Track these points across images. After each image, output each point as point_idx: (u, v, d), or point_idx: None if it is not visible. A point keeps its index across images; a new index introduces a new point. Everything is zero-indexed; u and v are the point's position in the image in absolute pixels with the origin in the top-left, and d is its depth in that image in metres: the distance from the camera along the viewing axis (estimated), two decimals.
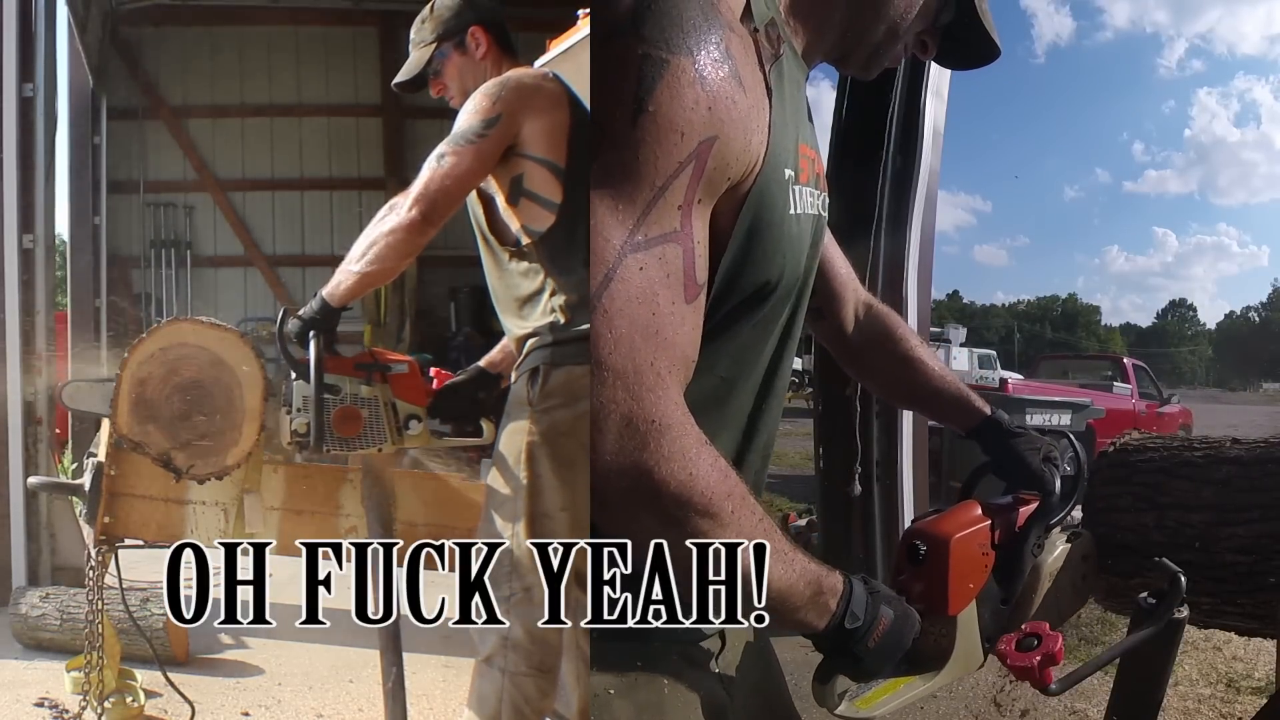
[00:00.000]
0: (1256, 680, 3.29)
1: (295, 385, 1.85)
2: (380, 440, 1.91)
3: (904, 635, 0.98)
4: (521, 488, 1.77)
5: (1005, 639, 1.12)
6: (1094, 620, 3.63)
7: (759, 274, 0.93)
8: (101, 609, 2.10)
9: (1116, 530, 1.50)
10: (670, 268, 0.83)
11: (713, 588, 0.86)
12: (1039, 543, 1.22)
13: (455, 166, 1.76)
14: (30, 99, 3.77)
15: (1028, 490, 1.26)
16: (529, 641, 1.77)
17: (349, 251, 1.80)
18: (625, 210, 0.82)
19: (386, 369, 1.93)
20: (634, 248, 0.82)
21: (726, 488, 0.83)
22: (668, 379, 0.82)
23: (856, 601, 0.93)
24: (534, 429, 1.77)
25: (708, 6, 0.85)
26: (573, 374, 1.76)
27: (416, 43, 2.01)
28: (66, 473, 4.85)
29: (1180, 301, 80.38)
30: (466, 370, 2.07)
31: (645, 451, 0.80)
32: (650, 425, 0.80)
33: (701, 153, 0.83)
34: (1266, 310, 71.91)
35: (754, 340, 0.98)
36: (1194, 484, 1.49)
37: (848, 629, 0.93)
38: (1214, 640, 3.51)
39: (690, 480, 0.81)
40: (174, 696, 2.39)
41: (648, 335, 0.82)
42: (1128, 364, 11.78)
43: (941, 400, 1.38)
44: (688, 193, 0.83)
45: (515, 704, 1.77)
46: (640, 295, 0.82)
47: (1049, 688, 1.08)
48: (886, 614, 0.96)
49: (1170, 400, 11.59)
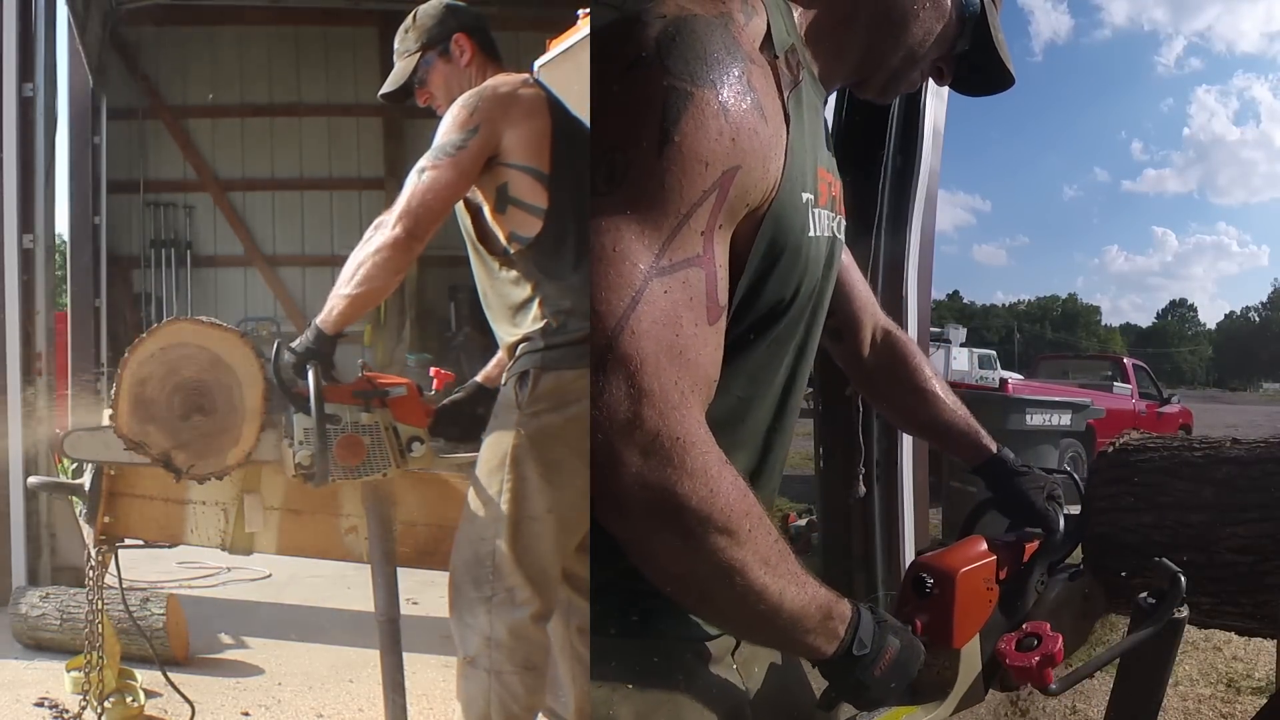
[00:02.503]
0: (1256, 680, 3.29)
1: (295, 418, 1.84)
2: (384, 466, 1.91)
3: (909, 665, 1.00)
4: (506, 489, 1.77)
5: (1005, 639, 1.12)
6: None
7: (774, 293, 0.95)
8: (101, 609, 2.10)
9: (1116, 530, 1.50)
10: (694, 291, 0.85)
11: (726, 604, 0.87)
12: (1042, 579, 1.24)
13: (436, 180, 1.76)
14: (30, 99, 3.77)
15: (1032, 528, 1.29)
16: (513, 640, 1.77)
17: (340, 274, 1.80)
18: (651, 236, 0.84)
19: (385, 394, 1.93)
20: (659, 272, 0.84)
21: (745, 506, 0.85)
22: (691, 399, 0.84)
23: (864, 629, 0.95)
24: (521, 432, 1.77)
25: (729, 39, 0.88)
26: (563, 378, 1.76)
27: (401, 52, 2.01)
28: (66, 473, 4.85)
29: (1180, 301, 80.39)
30: (464, 387, 2.07)
31: (670, 468, 0.81)
32: (675, 443, 0.82)
33: (724, 182, 0.85)
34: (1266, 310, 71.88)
35: (769, 359, 1.00)
36: (1194, 484, 1.49)
37: (855, 656, 0.94)
38: (1214, 640, 3.51)
39: (711, 497, 0.82)
40: (174, 696, 2.40)
41: (673, 356, 0.84)
42: (1128, 364, 11.79)
43: (951, 434, 1.41)
44: (710, 219, 0.86)
45: (503, 702, 1.77)
46: (665, 318, 0.84)
47: (1049, 688, 1.09)
48: (893, 643, 0.98)
49: (1170, 400, 11.60)
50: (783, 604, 0.88)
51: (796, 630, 0.91)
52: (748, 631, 0.96)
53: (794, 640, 0.92)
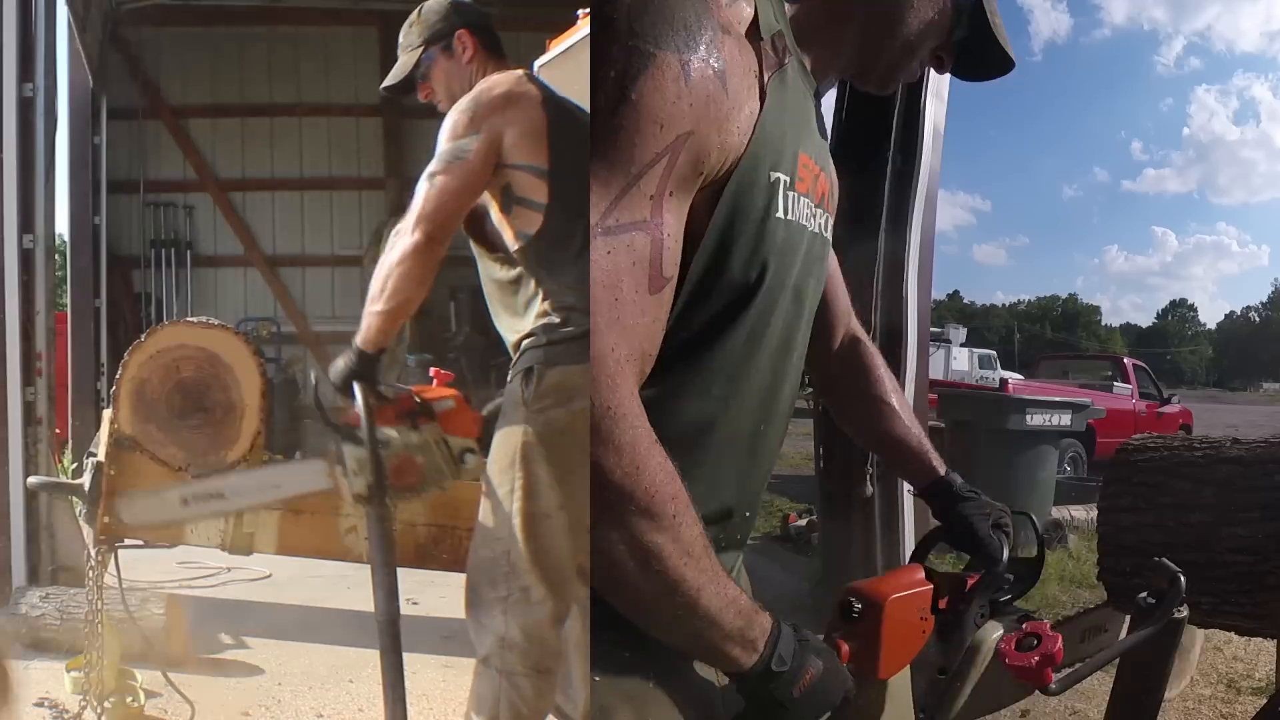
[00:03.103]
0: (1256, 680, 3.29)
1: (346, 447, 1.82)
2: (440, 480, 1.90)
3: (831, 690, 0.94)
4: (518, 487, 1.77)
5: (1006, 638, 1.12)
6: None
7: (738, 274, 0.93)
8: (101, 609, 2.10)
9: (1117, 530, 1.50)
10: (637, 256, 0.84)
11: (640, 591, 0.83)
12: (982, 614, 1.16)
13: (448, 185, 1.76)
14: (30, 99, 3.77)
15: (975, 556, 1.23)
16: (526, 641, 1.77)
17: (368, 291, 1.79)
18: (599, 194, 0.83)
19: (432, 411, 1.91)
20: (604, 231, 0.83)
21: (672, 490, 0.82)
22: (625, 368, 0.82)
23: (784, 644, 0.90)
24: (529, 429, 1.77)
25: (701, 9, 0.87)
26: (568, 373, 1.76)
27: (404, 46, 2.02)
28: (66, 473, 4.85)
29: (1180, 301, 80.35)
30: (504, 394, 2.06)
31: (596, 438, 0.80)
32: (605, 412, 0.80)
33: (676, 146, 0.84)
34: (1266, 310, 71.86)
35: (746, 356, 0.97)
36: (1194, 484, 1.49)
37: (775, 671, 0.89)
38: (1214, 640, 3.49)
39: (636, 475, 0.80)
40: (174, 696, 2.40)
41: (610, 321, 0.82)
42: (1128, 364, 11.80)
43: (902, 451, 1.36)
44: (660, 184, 0.84)
45: (513, 704, 1.77)
46: (605, 280, 0.82)
47: (1048, 688, 1.08)
48: (815, 664, 0.92)
49: (1170, 400, 11.60)
50: (699, 600, 0.84)
51: (712, 633, 0.86)
52: (660, 627, 0.88)
53: (709, 644, 0.88)
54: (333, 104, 8.32)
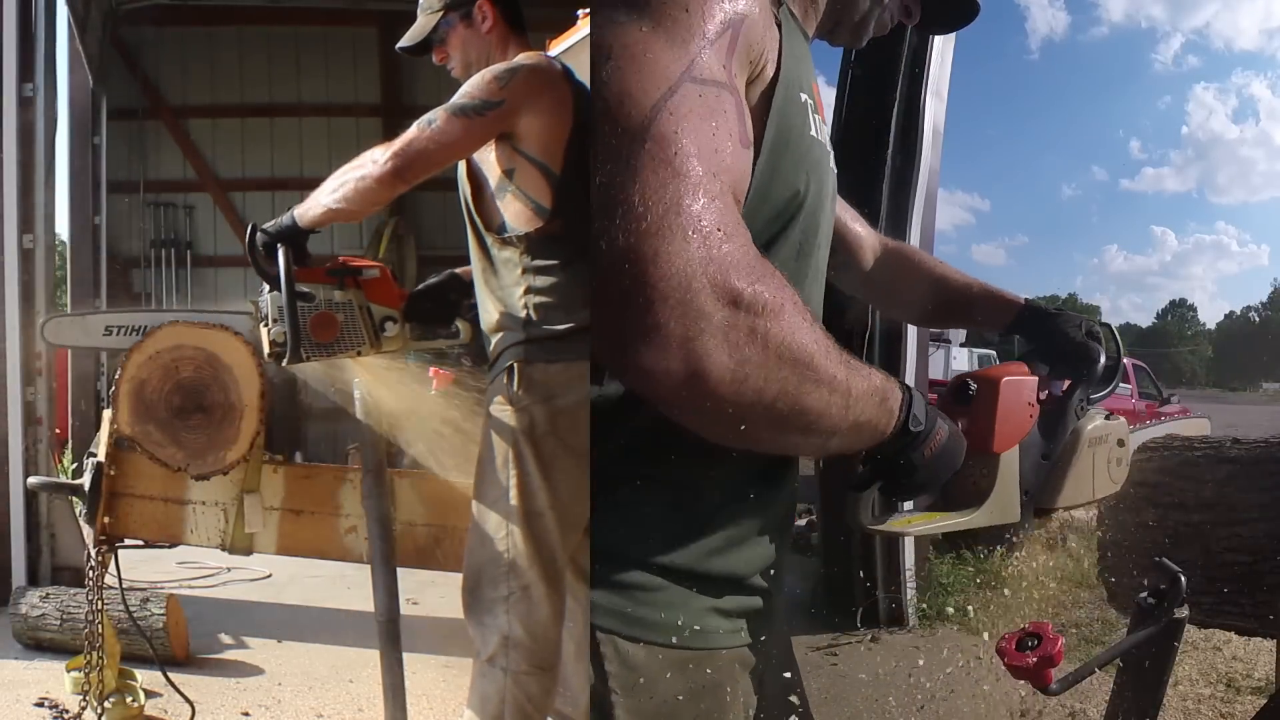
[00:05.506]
0: (1256, 680, 3.29)
1: (269, 296, 1.83)
2: (358, 343, 1.90)
3: (956, 453, 0.99)
4: (513, 486, 1.77)
5: (1006, 638, 1.12)
6: (1094, 620, 3.63)
7: (786, 185, 0.94)
8: (101, 609, 2.10)
9: (1117, 530, 1.50)
10: (727, 107, 0.84)
11: (802, 399, 0.82)
12: (1082, 406, 1.23)
13: (442, 134, 1.74)
14: (30, 99, 3.77)
15: (1073, 362, 1.28)
16: (530, 639, 1.77)
17: (325, 182, 1.79)
18: (680, 49, 0.82)
19: (358, 273, 1.92)
20: (693, 79, 0.82)
21: (787, 294, 0.81)
22: (728, 195, 0.81)
23: (918, 406, 0.93)
24: (517, 425, 1.76)
25: None
26: (548, 371, 1.75)
27: (424, 9, 1.99)
28: (66, 473, 4.85)
29: (1180, 301, 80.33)
30: (439, 274, 2.05)
31: (710, 250, 0.77)
32: (715, 233, 0.77)
33: (736, 25, 0.86)
34: (1266, 310, 71.86)
35: (798, 271, 0.98)
36: (1194, 484, 1.49)
37: (912, 431, 0.93)
38: (1214, 640, 3.50)
39: (755, 281, 0.79)
40: (174, 696, 2.40)
41: (709, 151, 0.80)
42: (1128, 364, 11.78)
43: (975, 304, 1.42)
44: (728, 55, 0.85)
45: (518, 703, 1.77)
46: (705, 110, 0.81)
47: (1049, 688, 1.08)
48: (943, 427, 0.96)
49: (1170, 400, 11.61)
50: (851, 390, 0.85)
51: (864, 412, 0.88)
52: (825, 426, 0.87)
53: (859, 426, 0.89)
54: (333, 104, 8.32)
